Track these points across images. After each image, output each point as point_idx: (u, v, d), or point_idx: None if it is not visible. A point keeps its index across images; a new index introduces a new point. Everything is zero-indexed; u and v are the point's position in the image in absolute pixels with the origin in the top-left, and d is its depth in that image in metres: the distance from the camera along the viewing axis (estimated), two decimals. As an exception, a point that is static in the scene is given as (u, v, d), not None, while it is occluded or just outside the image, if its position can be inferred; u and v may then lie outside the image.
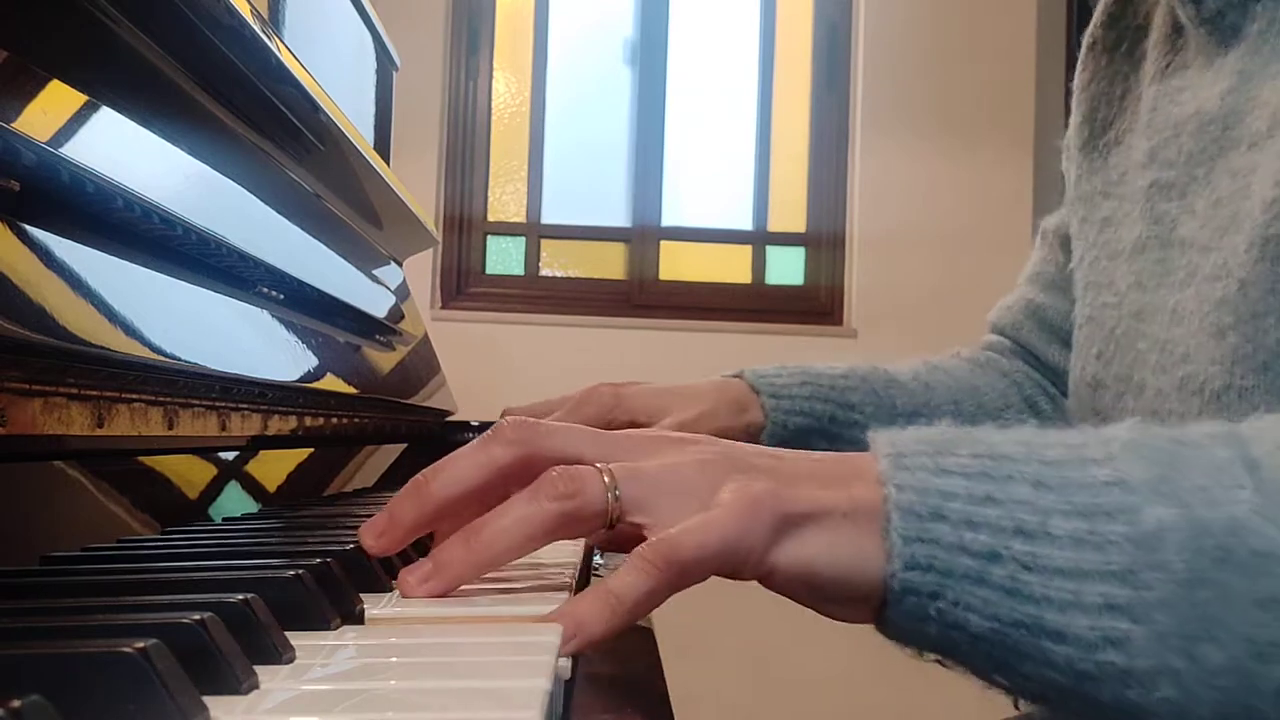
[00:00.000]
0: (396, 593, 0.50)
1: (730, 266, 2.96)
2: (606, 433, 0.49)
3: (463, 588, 0.48)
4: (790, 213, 2.96)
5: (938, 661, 0.44)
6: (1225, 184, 0.62)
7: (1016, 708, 0.75)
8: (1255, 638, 0.39)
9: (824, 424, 0.86)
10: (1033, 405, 0.92)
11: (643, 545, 0.43)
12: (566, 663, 0.40)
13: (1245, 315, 0.58)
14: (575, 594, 0.46)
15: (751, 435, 0.85)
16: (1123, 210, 0.72)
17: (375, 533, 0.49)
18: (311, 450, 0.95)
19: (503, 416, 0.93)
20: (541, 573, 0.55)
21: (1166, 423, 0.62)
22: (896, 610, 0.42)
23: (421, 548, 0.54)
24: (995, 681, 0.43)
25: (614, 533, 0.46)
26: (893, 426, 0.46)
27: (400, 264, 1.50)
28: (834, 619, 0.45)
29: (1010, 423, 0.47)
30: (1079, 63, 0.80)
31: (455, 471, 0.48)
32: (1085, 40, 0.80)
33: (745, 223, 2.97)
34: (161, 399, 0.63)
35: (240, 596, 0.37)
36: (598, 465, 0.45)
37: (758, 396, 0.86)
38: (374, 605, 0.47)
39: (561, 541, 0.51)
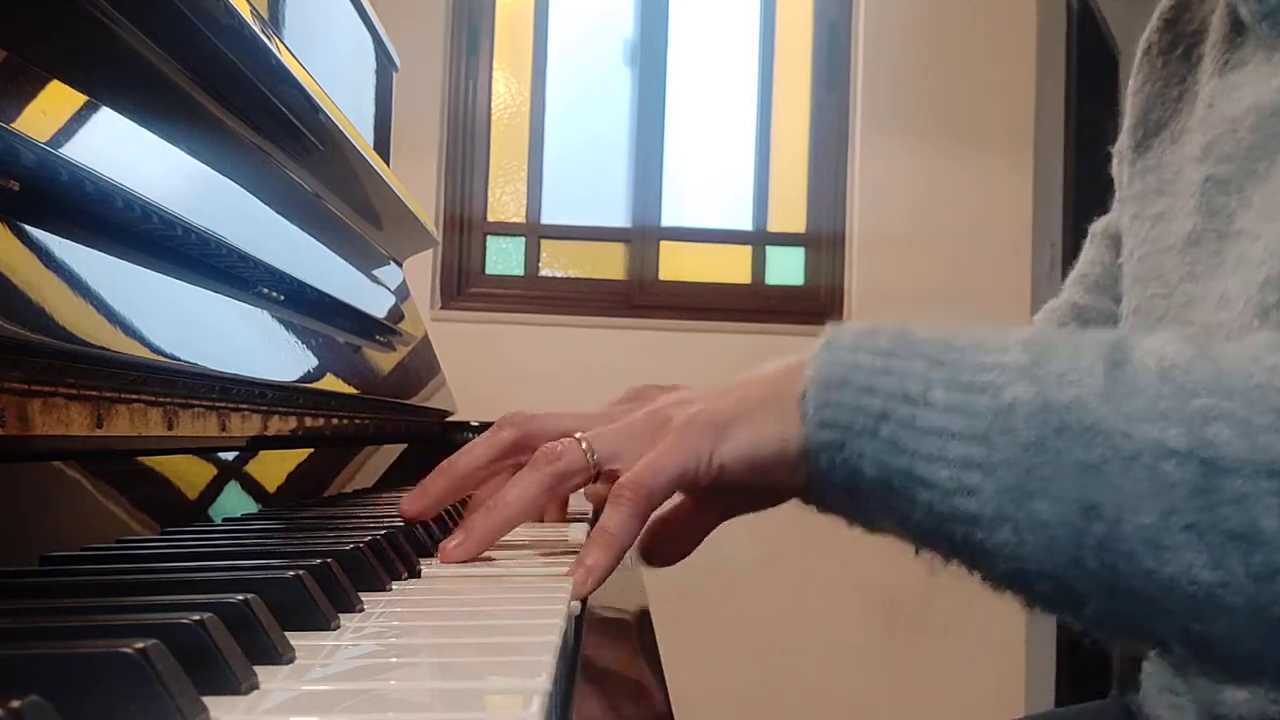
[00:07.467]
0: (396, 592, 0.51)
1: (730, 267, 2.95)
2: (580, 412, 0.61)
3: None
4: (790, 213, 2.95)
5: (863, 526, 0.53)
6: None
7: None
8: (1081, 498, 0.45)
9: None
10: None
11: (616, 484, 0.54)
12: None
13: None
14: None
15: None
16: (1175, 206, 0.73)
17: (411, 499, 0.63)
18: (311, 451, 0.95)
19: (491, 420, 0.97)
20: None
21: None
22: (814, 469, 0.51)
23: (419, 548, 0.56)
24: (888, 529, 0.52)
25: (604, 481, 0.57)
26: None
27: (400, 264, 1.50)
28: (777, 501, 0.55)
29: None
30: (1134, 69, 0.81)
31: (473, 452, 0.62)
32: (1140, 47, 0.81)
33: (745, 223, 2.96)
34: (161, 399, 0.63)
35: (240, 597, 0.37)
36: (576, 435, 0.57)
37: None
38: (375, 604, 0.47)
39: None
